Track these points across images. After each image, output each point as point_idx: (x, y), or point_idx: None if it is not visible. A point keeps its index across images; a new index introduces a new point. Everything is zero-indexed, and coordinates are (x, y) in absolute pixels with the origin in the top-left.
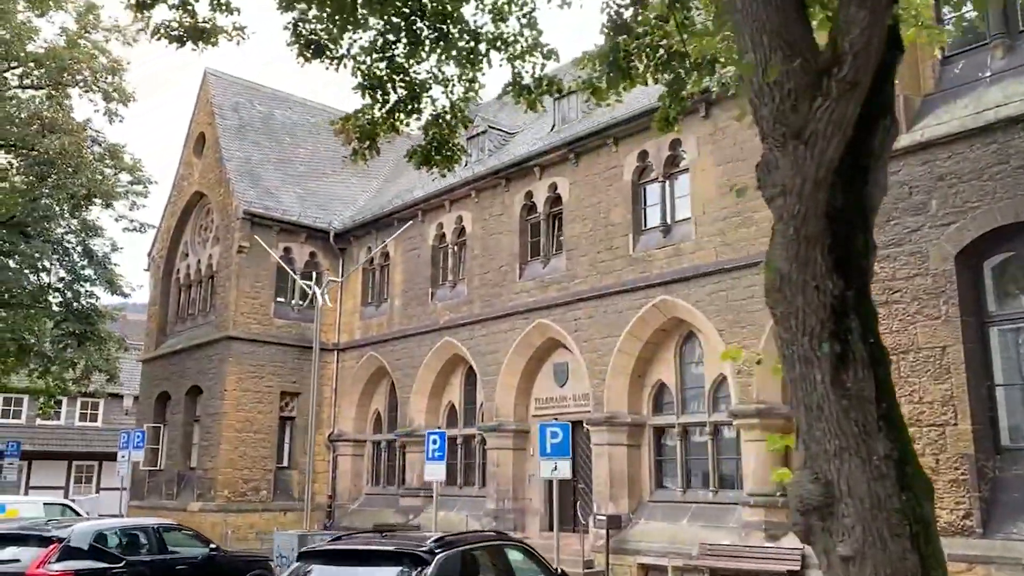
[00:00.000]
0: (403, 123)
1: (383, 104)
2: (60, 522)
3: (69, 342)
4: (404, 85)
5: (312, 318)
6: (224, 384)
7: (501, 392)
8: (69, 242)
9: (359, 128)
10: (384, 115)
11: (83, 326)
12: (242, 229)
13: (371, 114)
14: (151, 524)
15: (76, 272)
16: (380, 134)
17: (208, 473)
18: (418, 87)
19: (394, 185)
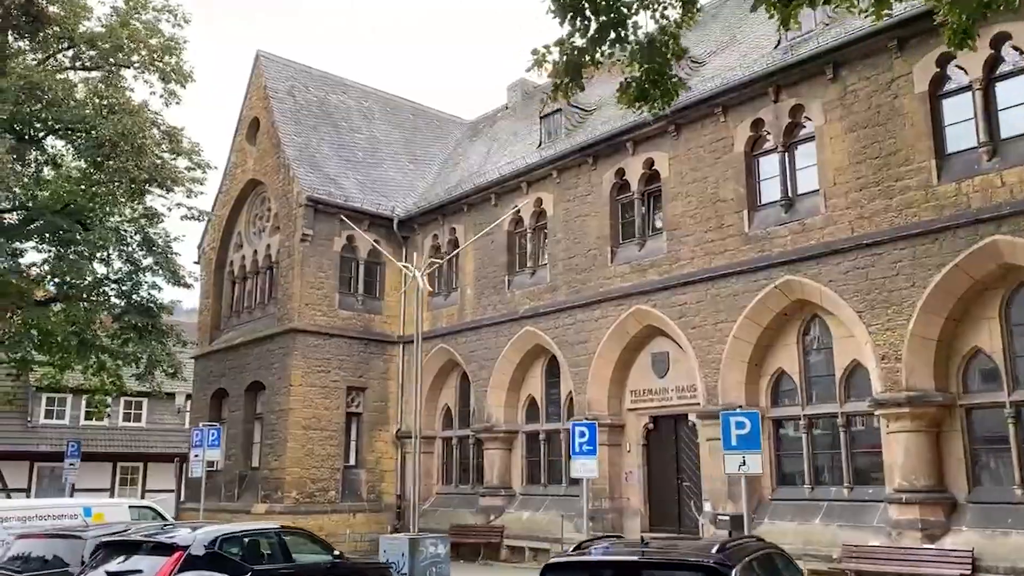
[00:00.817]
0: (607, 54)
1: (583, 32)
2: (174, 528)
3: (131, 336)
4: (607, 8)
5: (376, 309)
6: (289, 379)
7: (593, 384)
8: (126, 231)
9: (562, 60)
10: (587, 44)
11: (144, 319)
12: (305, 216)
13: (572, 44)
14: (272, 529)
15: (135, 262)
16: (586, 66)
17: (274, 473)
18: (624, 8)
19: (454, 171)
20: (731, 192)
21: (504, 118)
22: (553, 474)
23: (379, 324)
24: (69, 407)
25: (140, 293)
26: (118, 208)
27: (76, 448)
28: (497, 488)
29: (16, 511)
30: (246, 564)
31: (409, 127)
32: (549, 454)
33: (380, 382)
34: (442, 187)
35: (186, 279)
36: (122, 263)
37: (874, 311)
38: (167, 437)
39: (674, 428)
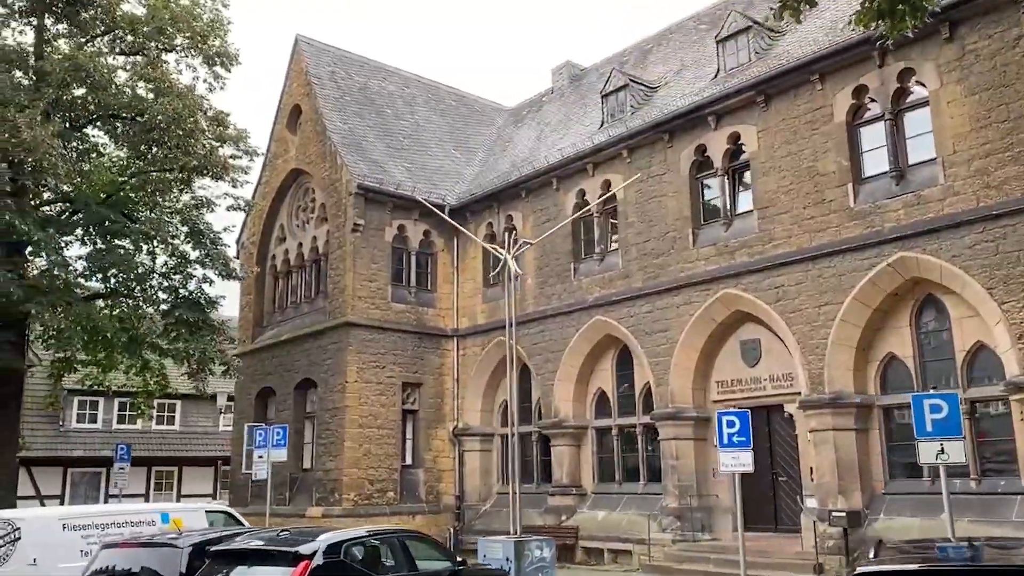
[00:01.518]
0: None
1: None
2: (292, 534)
3: (181, 332)
4: None
5: (429, 301)
6: (345, 375)
7: (676, 375)
8: (171, 221)
9: None
10: None
11: (195, 314)
12: (356, 205)
13: None
14: (394, 532)
15: (183, 255)
16: None
17: (330, 475)
18: None
19: (502, 158)
20: (832, 165)
21: (551, 102)
22: (628, 471)
23: (432, 317)
24: (101, 410)
25: (188, 287)
26: (167, 198)
27: (126, 451)
28: (567, 487)
29: (91, 518)
30: (371, 572)
31: (451, 114)
32: (623, 450)
33: (435, 378)
34: (492, 174)
35: (237, 272)
36: (167, 256)
37: (1008, 287)
38: (203, 440)
39: (767, 420)
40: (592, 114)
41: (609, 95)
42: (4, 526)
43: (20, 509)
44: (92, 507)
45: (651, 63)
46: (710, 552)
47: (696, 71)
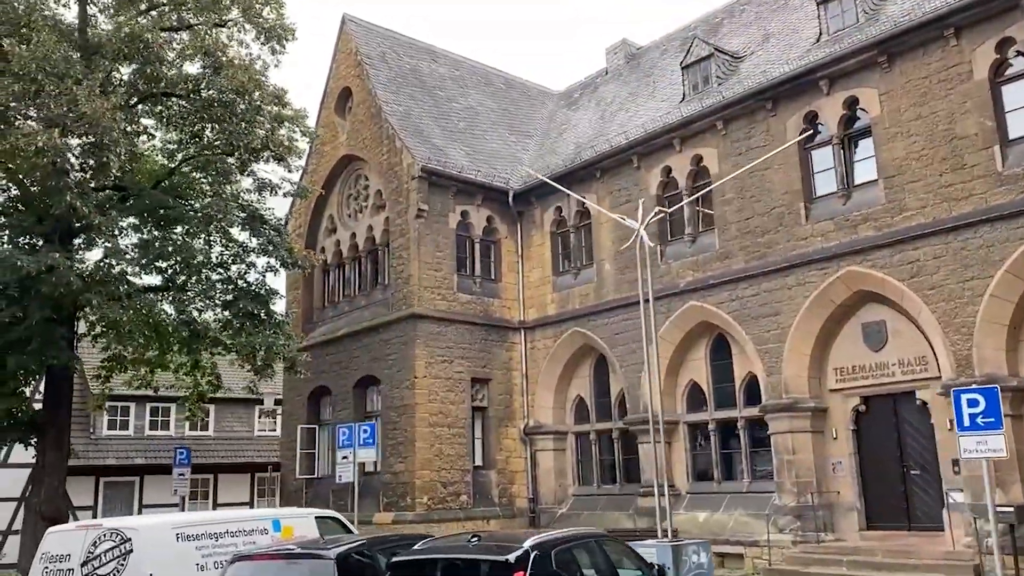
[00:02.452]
0: None
1: None
2: (484, 539)
3: (245, 324)
4: None
5: (494, 292)
6: (413, 370)
7: (790, 363)
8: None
9: None
10: None
11: (259, 306)
12: (419, 190)
13: None
14: (592, 536)
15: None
16: None
17: (400, 477)
18: None
19: (560, 140)
20: (973, 127)
21: (607, 82)
22: (728, 469)
23: (498, 309)
24: (132, 416)
25: (248, 278)
26: (230, 180)
27: (186, 455)
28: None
29: (205, 527)
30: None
31: (502, 97)
32: (721, 446)
33: (503, 373)
34: (554, 157)
35: (300, 261)
36: (222, 246)
37: None
38: (238, 446)
39: (893, 408)
40: (665, 90)
41: (690, 66)
42: (113, 537)
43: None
44: (204, 514)
45: (725, 35)
46: (839, 554)
47: (786, 38)
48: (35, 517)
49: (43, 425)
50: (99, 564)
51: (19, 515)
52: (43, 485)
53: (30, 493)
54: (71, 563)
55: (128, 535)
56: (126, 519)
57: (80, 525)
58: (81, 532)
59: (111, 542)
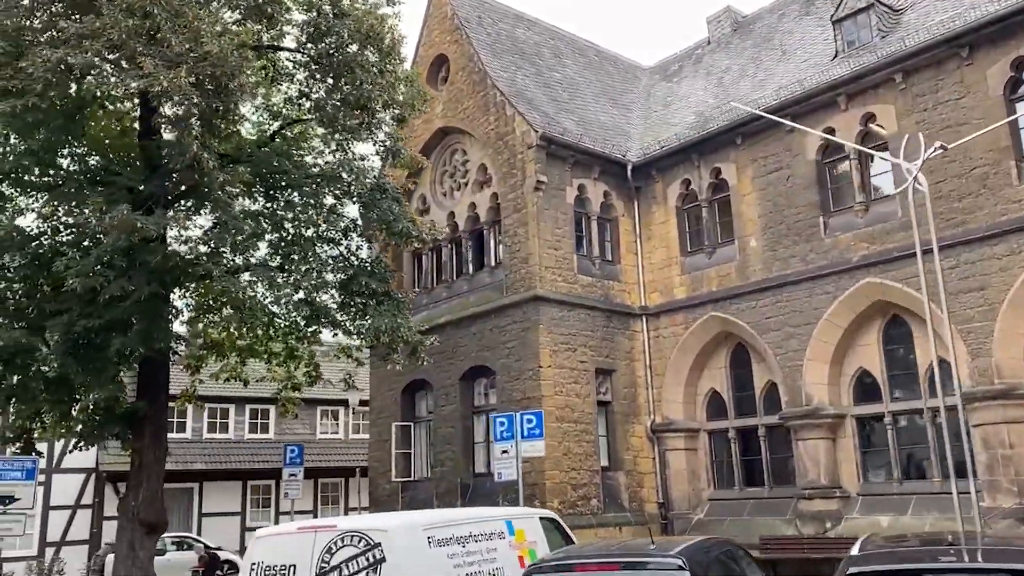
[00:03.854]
0: None
1: None
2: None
3: (368, 304)
4: None
5: (613, 274)
6: (538, 359)
7: (1001, 346)
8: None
9: None
10: None
11: (380, 283)
12: (537, 160)
13: None
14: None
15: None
16: None
17: (525, 479)
18: None
19: (673, 112)
20: None
21: (713, 52)
22: (911, 467)
23: (618, 293)
24: (190, 419)
25: (360, 254)
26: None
27: (297, 453)
28: (827, 488)
29: (452, 529)
30: None
31: (597, 69)
32: (899, 442)
33: (627, 363)
34: (666, 129)
35: (424, 234)
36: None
37: None
38: None
39: None
40: (800, 51)
41: (844, 20)
42: (354, 542)
43: (368, 516)
44: (444, 513)
45: None
46: None
47: None
48: (133, 523)
49: (142, 419)
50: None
51: (75, 523)
52: (141, 487)
53: (124, 496)
54: (301, 575)
55: (375, 539)
56: (366, 518)
57: (304, 527)
58: (308, 536)
59: (353, 548)
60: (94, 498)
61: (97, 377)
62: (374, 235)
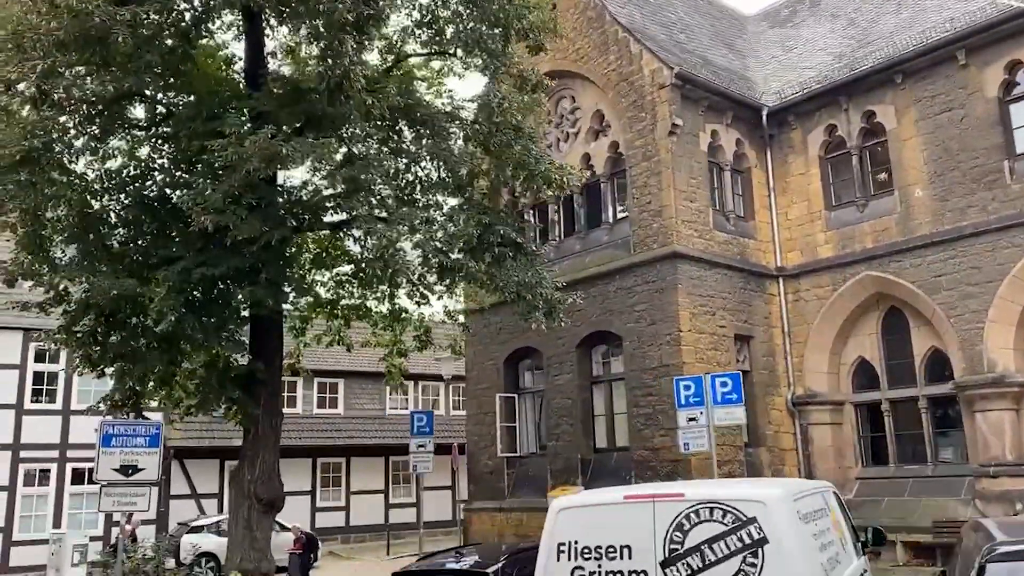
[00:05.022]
0: None
1: None
2: None
3: (507, 256)
4: None
5: (748, 232)
6: (677, 322)
7: None
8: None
9: None
10: None
11: (515, 233)
12: (672, 101)
13: None
14: None
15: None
16: None
17: (662, 454)
18: None
19: (796, 57)
20: None
21: None
22: None
23: (753, 252)
24: None
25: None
26: (502, 65)
27: (427, 422)
28: (1015, 465)
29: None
30: None
31: (704, 13)
32: None
33: (764, 329)
34: (794, 73)
35: (566, 183)
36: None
37: None
38: (373, 426)
39: None
40: None
41: None
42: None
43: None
44: (799, 483)
45: None
46: None
47: None
48: (249, 500)
49: (257, 384)
50: (703, 564)
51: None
52: (258, 460)
53: (236, 470)
54: (639, 561)
55: (748, 512)
56: (723, 485)
57: (634, 496)
58: (642, 508)
59: (717, 524)
60: (160, 475)
61: (215, 334)
62: (507, 181)
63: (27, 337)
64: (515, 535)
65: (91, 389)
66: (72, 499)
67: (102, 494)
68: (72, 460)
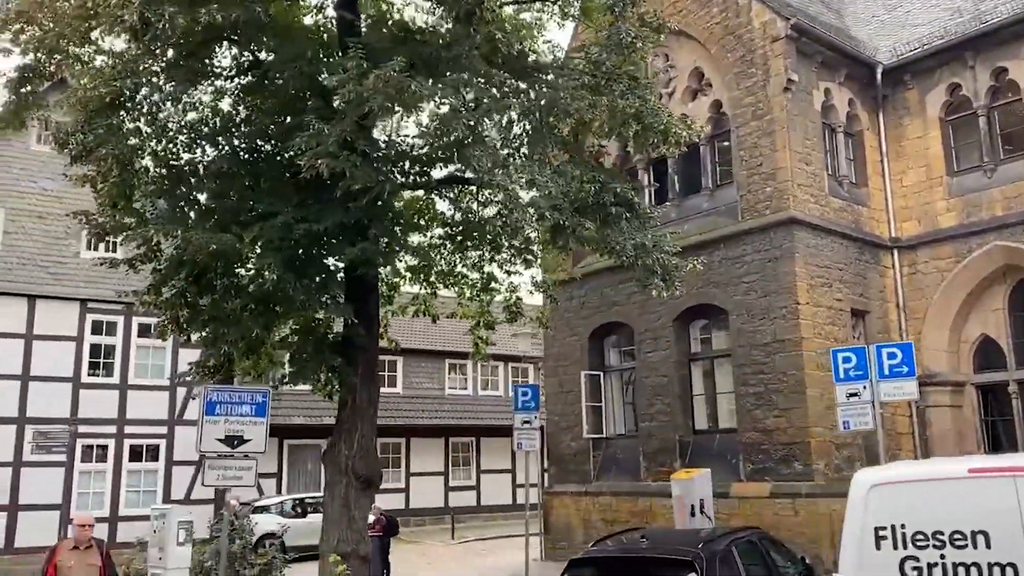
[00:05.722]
0: None
1: None
2: None
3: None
4: None
5: (861, 198)
6: (795, 294)
7: None
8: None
9: None
10: None
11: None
12: (787, 55)
13: None
14: None
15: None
16: None
17: (776, 436)
18: None
19: (906, 13)
20: None
21: None
22: None
23: (867, 220)
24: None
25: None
26: None
27: (532, 396)
28: None
29: None
30: None
31: None
32: None
33: (879, 304)
34: (903, 31)
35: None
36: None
37: None
38: (432, 407)
39: None
40: None
41: None
42: None
43: None
44: None
45: None
46: None
47: None
48: (347, 477)
49: (356, 352)
50: None
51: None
52: (355, 433)
53: (331, 445)
54: (1003, 550)
55: None
56: None
57: (983, 468)
58: (999, 484)
59: None
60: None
61: (316, 296)
62: (619, 136)
63: (84, 308)
64: (603, 521)
65: (148, 363)
66: (129, 476)
67: (206, 467)
68: (129, 436)
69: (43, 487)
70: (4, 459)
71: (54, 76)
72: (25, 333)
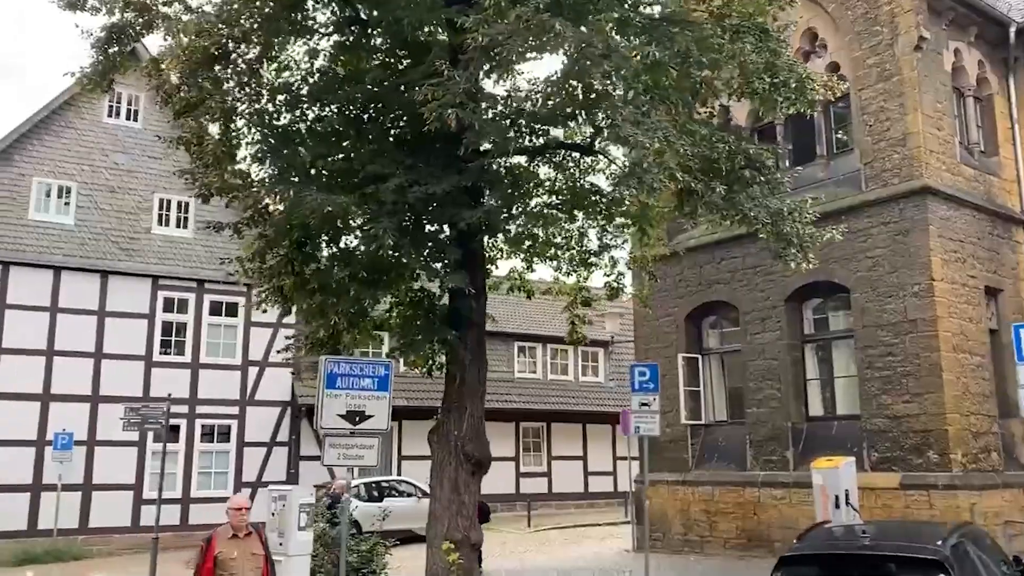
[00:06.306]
0: None
1: None
2: None
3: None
4: None
5: (992, 168)
6: (929, 271)
7: None
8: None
9: None
10: None
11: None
12: (919, 11)
13: None
14: None
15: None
16: None
17: (907, 423)
18: None
19: None
20: None
21: None
22: None
23: (998, 192)
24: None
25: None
26: None
27: (651, 376)
28: None
29: None
30: None
31: None
32: None
33: (1012, 282)
34: None
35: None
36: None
37: None
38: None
39: None
40: None
41: None
42: None
43: None
44: None
45: None
46: None
47: None
48: (457, 458)
49: (465, 325)
50: None
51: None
52: (465, 413)
53: (439, 424)
54: None
55: None
56: None
57: None
58: None
59: None
60: (290, 435)
61: (431, 264)
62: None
63: (155, 285)
64: (704, 512)
65: (220, 343)
66: (201, 457)
67: (326, 446)
68: (201, 416)
69: (116, 467)
70: (79, 437)
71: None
72: (98, 310)
